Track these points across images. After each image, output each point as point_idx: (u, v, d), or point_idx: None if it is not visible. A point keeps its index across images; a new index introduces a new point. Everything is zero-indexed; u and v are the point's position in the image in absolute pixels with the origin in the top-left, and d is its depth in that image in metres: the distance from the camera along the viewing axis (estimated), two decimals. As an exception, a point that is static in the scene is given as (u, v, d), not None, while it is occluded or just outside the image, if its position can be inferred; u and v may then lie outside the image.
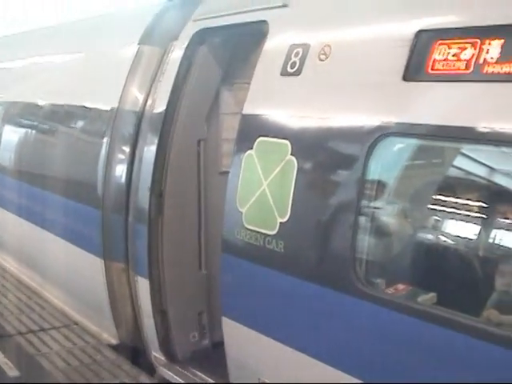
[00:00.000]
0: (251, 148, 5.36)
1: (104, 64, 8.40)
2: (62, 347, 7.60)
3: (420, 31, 4.43)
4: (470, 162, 4.62)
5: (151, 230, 6.80)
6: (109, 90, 7.81)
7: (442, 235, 4.75)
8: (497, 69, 3.93)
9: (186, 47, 6.75)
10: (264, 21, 5.74)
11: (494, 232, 4.60)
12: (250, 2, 6.12)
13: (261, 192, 5.20)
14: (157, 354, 7.10)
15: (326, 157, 4.89)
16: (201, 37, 6.72)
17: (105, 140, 7.55)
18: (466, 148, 4.49)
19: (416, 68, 4.38)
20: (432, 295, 4.37)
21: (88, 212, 7.81)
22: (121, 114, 7.46)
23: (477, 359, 3.88)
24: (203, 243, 7.11)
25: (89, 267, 7.86)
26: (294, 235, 4.99)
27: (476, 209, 4.69)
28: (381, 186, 4.70)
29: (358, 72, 4.81)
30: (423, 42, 4.39)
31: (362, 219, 4.60)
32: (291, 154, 4.98)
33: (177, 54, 6.90)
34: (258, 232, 5.21)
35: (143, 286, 6.96)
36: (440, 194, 4.83)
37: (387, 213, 4.89)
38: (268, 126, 5.33)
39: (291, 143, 5.01)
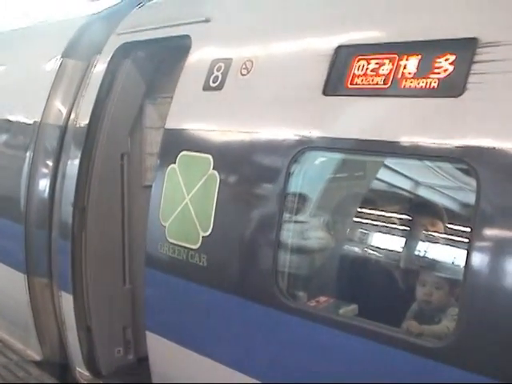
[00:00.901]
0: (174, 162, 5.35)
1: (27, 77, 8.24)
2: (-17, 365, 7.46)
3: (340, 46, 4.49)
4: (388, 175, 4.72)
5: (74, 245, 6.73)
6: (32, 103, 7.70)
7: (363, 247, 4.84)
8: (414, 84, 4.01)
9: (110, 61, 6.71)
10: (187, 35, 5.75)
11: (414, 244, 4.73)
12: (173, 16, 6.13)
13: (183, 206, 5.20)
14: (81, 370, 7.02)
15: (247, 171, 4.92)
16: (125, 50, 6.69)
17: (28, 154, 7.44)
18: (384, 161, 4.58)
19: (336, 83, 4.43)
20: (353, 307, 4.43)
21: (10, 227, 7.68)
22: (44, 128, 7.37)
23: (398, 369, 3.93)
24: (127, 257, 7.07)
25: (12, 283, 7.73)
26: (216, 249, 4.99)
27: (396, 221, 4.80)
28: (302, 199, 4.76)
29: (279, 86, 4.84)
30: (343, 57, 4.46)
31: (284, 233, 4.62)
32: (213, 169, 4.99)
33: (100, 67, 6.86)
34: (180, 246, 5.20)
35: (67, 301, 6.88)
36: (360, 207, 4.92)
37: (309, 226, 4.95)
38: (190, 141, 5.33)
39: (213, 157, 5.02)
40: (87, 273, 6.78)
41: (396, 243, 4.85)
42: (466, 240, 3.78)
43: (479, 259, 3.61)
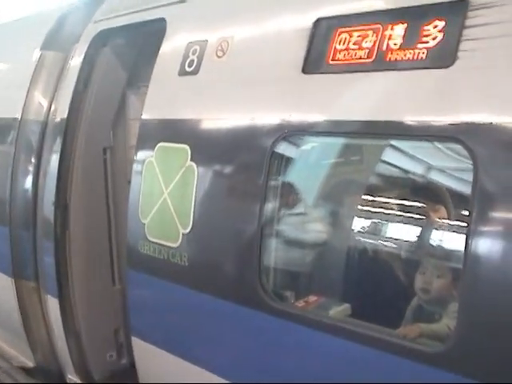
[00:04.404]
0: (151, 155, 5.00)
1: (7, 72, 8.02)
2: (-29, 374, 7.20)
3: (319, 19, 4.10)
4: (377, 158, 4.35)
5: (58, 246, 6.41)
6: (12, 99, 7.39)
7: (355, 239, 4.45)
8: (400, 55, 3.63)
9: (87, 50, 6.37)
10: (162, 18, 5.40)
11: (413, 231, 4.35)
12: (147, -1, 5.77)
13: (162, 201, 4.87)
14: (72, 377, 6.71)
15: (226, 161, 4.56)
16: (102, 38, 6.34)
17: (10, 152, 7.12)
18: (371, 143, 4.20)
19: (316, 59, 4.07)
20: (345, 306, 4.05)
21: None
22: (24, 124, 7.08)
23: (394, 377, 3.53)
24: (115, 256, 6.72)
25: (0, 287, 7.42)
26: (197, 247, 4.67)
27: (389, 209, 4.41)
28: (286, 188, 4.39)
29: (256, 67, 4.49)
30: (323, 30, 4.07)
31: (267, 227, 4.26)
32: (191, 160, 4.65)
33: (77, 57, 6.52)
34: (161, 245, 4.87)
35: (53, 305, 6.58)
36: (348, 195, 4.54)
37: (294, 218, 4.58)
38: (167, 131, 5.02)
39: (191, 148, 4.69)
40: (73, 274, 6.46)
41: (393, 232, 4.47)
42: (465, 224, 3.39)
43: (480, 245, 3.22)
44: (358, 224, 4.47)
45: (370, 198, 4.53)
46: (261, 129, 4.29)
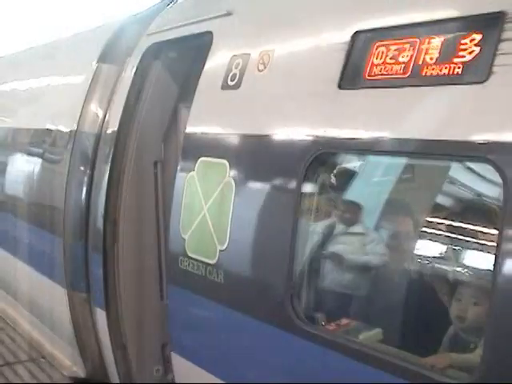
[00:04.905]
0: (193, 169, 4.94)
1: (65, 86, 8.11)
2: (23, 384, 7.22)
3: (357, 33, 3.98)
4: (415, 178, 4.17)
5: (107, 259, 6.40)
6: (69, 111, 7.45)
7: (390, 262, 4.28)
8: (436, 70, 3.48)
9: (139, 63, 6.37)
10: (209, 31, 5.34)
11: (448, 255, 4.15)
12: (197, 12, 5.74)
13: (201, 217, 4.79)
14: (118, 389, 6.67)
15: (263, 177, 4.46)
16: (154, 51, 6.34)
17: (65, 164, 7.18)
18: (410, 162, 4.04)
19: (352, 74, 3.94)
20: (377, 331, 3.90)
21: (50, 239, 7.44)
22: (79, 136, 7.11)
23: None
24: (164, 271, 6.66)
25: (55, 298, 7.48)
26: (231, 264, 4.57)
27: (428, 232, 4.23)
28: (320, 207, 4.25)
29: (294, 82, 4.39)
30: (360, 44, 3.94)
31: (301, 246, 4.13)
32: (229, 176, 4.57)
33: (130, 70, 6.52)
34: (200, 261, 4.80)
35: (101, 317, 6.57)
36: (385, 215, 4.38)
37: (329, 238, 4.44)
38: (208, 146, 4.96)
39: (229, 163, 4.60)
40: (121, 287, 6.43)
41: (426, 258, 4.26)
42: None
43: (509, 268, 3.04)
44: (393, 246, 4.31)
45: (404, 218, 4.38)
46: (296, 145, 4.19)
